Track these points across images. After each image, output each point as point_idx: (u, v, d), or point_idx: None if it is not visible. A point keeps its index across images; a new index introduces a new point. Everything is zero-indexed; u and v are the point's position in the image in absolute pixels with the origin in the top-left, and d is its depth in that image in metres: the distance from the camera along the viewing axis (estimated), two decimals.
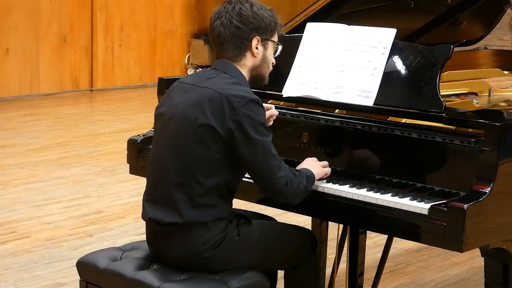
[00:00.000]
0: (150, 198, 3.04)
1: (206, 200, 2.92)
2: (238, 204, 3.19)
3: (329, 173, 3.12)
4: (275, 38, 3.12)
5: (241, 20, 3.01)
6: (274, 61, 3.15)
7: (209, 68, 3.10)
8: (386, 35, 3.18)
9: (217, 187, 2.94)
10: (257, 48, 3.05)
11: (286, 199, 2.98)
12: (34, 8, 10.11)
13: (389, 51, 3.15)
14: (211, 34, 3.08)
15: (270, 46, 3.10)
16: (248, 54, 3.05)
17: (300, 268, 3.18)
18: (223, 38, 3.03)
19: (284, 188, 2.93)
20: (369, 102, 3.12)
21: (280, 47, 3.15)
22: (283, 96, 3.35)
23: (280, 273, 3.31)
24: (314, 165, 3.10)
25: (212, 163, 2.91)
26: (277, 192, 2.95)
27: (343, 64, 3.23)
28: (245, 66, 3.06)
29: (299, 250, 3.16)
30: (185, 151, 2.93)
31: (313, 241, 3.23)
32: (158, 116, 3.10)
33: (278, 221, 3.36)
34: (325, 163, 3.14)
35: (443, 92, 3.09)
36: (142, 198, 3.10)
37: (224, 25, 3.02)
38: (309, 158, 3.15)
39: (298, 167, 3.09)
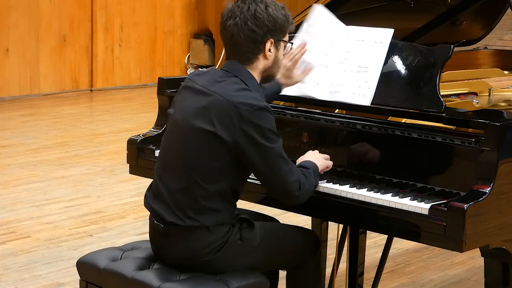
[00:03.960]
0: (154, 192, 3.03)
1: (210, 204, 2.90)
2: (238, 204, 3.19)
3: (331, 166, 3.11)
4: (286, 37, 3.06)
5: (256, 23, 2.93)
6: (282, 60, 3.09)
7: (220, 69, 3.04)
8: (384, 35, 3.18)
9: (221, 192, 2.92)
10: (270, 50, 2.98)
11: (299, 201, 2.96)
12: (34, 8, 10.11)
13: (386, 51, 3.15)
14: (223, 33, 2.99)
15: (281, 46, 3.04)
16: (261, 57, 2.99)
17: (302, 269, 3.18)
18: (236, 40, 2.95)
19: (297, 192, 2.92)
20: (367, 101, 3.12)
21: (289, 45, 3.11)
22: (280, 94, 3.34)
23: (282, 273, 3.31)
24: (317, 157, 3.08)
25: (217, 170, 2.89)
26: (291, 196, 2.93)
27: (341, 64, 3.23)
28: (257, 69, 3.00)
29: (302, 251, 3.15)
30: (190, 158, 2.91)
31: (316, 242, 3.22)
32: (169, 116, 3.08)
33: (280, 221, 3.36)
34: (327, 156, 3.13)
35: (443, 92, 3.09)
36: (143, 196, 3.09)
37: (238, 26, 2.93)
38: (310, 151, 3.13)
39: (300, 159, 3.07)
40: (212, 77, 3.00)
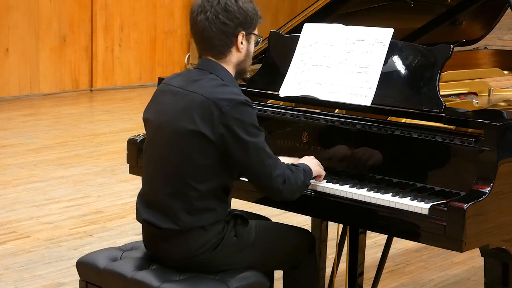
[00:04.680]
0: (144, 202, 3.02)
1: (203, 204, 2.90)
2: (238, 204, 3.19)
3: (323, 175, 3.11)
4: (256, 30, 3.06)
5: (228, 16, 2.93)
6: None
7: (194, 69, 3.03)
8: (383, 35, 3.18)
9: (213, 191, 2.91)
10: (242, 43, 2.98)
11: (285, 196, 2.96)
12: (34, 8, 10.12)
13: (386, 50, 3.15)
14: (194, 28, 2.98)
15: (252, 40, 3.04)
16: (233, 50, 2.98)
17: (298, 268, 3.17)
18: (208, 34, 2.94)
19: (282, 186, 2.91)
20: (367, 101, 3.12)
21: (260, 39, 3.11)
22: (280, 96, 3.34)
23: (279, 274, 3.31)
24: (313, 163, 3.09)
25: (206, 169, 2.88)
26: (275, 191, 2.93)
27: (341, 64, 3.23)
28: (231, 63, 2.99)
29: (297, 250, 3.15)
30: (177, 161, 2.89)
31: (311, 241, 3.22)
32: (146, 122, 3.06)
33: (277, 221, 3.36)
34: (321, 166, 3.13)
35: (443, 92, 3.09)
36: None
37: (209, 20, 2.93)
38: (306, 156, 3.14)
39: (296, 163, 3.07)
40: (188, 77, 3.00)
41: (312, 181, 3.07)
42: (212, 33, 2.94)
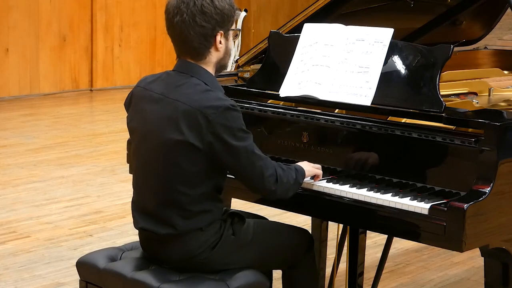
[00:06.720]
0: (139, 210, 3.00)
1: (198, 207, 2.89)
2: (238, 204, 3.18)
3: (320, 175, 3.11)
4: (233, 25, 3.02)
5: (205, 18, 2.88)
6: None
7: (173, 71, 2.98)
8: (383, 35, 3.18)
9: (205, 193, 2.90)
10: (220, 42, 2.94)
11: (278, 195, 2.95)
12: (34, 8, 10.12)
13: (387, 50, 3.15)
14: (171, 30, 2.93)
15: (231, 36, 3.00)
16: (212, 50, 2.94)
17: (297, 268, 3.17)
18: (186, 37, 2.89)
19: (274, 186, 2.91)
20: (367, 101, 3.12)
21: (239, 32, 3.07)
22: (280, 96, 3.34)
23: (278, 274, 3.31)
24: (306, 164, 3.09)
25: (195, 175, 2.86)
26: (268, 191, 2.92)
27: (341, 64, 3.23)
28: (210, 63, 2.96)
29: (295, 249, 3.15)
30: (166, 170, 2.87)
31: (310, 240, 3.21)
32: (131, 130, 3.02)
33: (277, 220, 3.36)
34: (319, 166, 3.13)
35: (443, 92, 3.09)
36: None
37: (186, 23, 2.88)
38: (300, 162, 3.13)
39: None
40: (169, 81, 2.95)
41: (311, 180, 3.07)
42: (190, 36, 2.89)
